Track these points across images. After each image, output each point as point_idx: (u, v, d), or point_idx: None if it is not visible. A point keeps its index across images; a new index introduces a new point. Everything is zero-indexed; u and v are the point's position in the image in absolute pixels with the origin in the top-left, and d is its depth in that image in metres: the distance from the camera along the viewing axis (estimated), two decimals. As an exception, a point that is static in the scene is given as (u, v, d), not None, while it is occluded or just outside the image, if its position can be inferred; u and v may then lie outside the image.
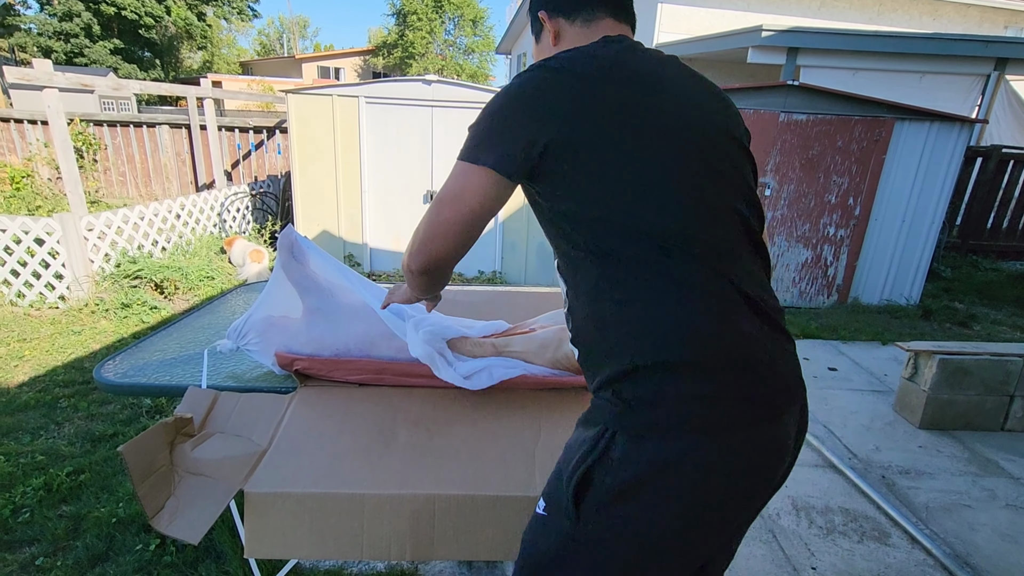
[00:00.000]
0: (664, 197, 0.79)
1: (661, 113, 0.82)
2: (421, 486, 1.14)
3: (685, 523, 0.78)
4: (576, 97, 0.79)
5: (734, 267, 0.81)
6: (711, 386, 0.76)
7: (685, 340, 0.76)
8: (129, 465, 1.02)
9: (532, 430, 1.30)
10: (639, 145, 0.79)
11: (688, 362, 0.76)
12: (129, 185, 7.66)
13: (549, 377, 1.41)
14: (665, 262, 0.78)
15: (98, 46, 24.32)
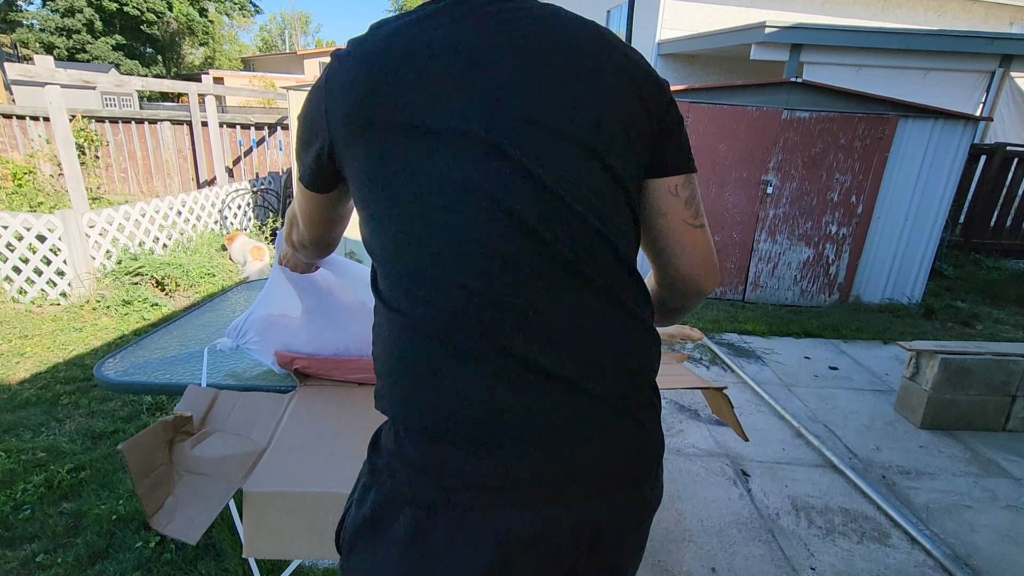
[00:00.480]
0: (417, 228, 0.62)
1: (434, 107, 0.60)
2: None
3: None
4: (346, 89, 0.63)
5: (505, 322, 0.61)
6: (438, 455, 0.63)
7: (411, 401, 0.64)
8: (129, 463, 1.02)
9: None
10: (393, 155, 0.62)
11: (418, 427, 0.64)
12: (131, 182, 7.67)
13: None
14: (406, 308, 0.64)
15: (100, 42, 24.32)
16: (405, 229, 0.63)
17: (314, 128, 0.68)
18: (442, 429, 0.63)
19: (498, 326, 0.61)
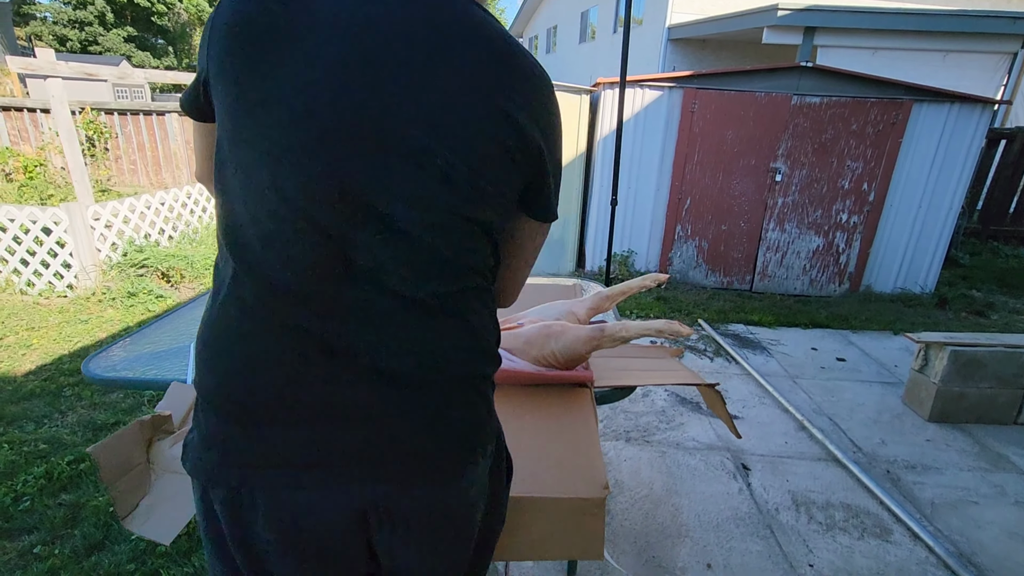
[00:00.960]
0: (231, 203, 0.62)
1: (284, 67, 0.56)
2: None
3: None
4: (217, 27, 0.60)
5: (296, 303, 0.61)
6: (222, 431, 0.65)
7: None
8: (100, 466, 1.01)
9: (515, 429, 1.28)
10: (243, 107, 0.58)
11: (204, 401, 0.66)
12: (140, 173, 7.73)
13: (536, 373, 1.38)
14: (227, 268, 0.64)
15: (112, 34, 24.48)
16: (224, 198, 0.63)
17: (200, 56, 0.64)
18: (219, 404, 0.64)
19: (287, 307, 0.61)
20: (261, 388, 0.63)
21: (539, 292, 2.02)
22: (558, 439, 1.24)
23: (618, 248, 4.97)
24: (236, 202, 0.61)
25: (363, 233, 0.59)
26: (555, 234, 4.98)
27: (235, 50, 0.58)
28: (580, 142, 4.69)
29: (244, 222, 0.61)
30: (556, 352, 1.35)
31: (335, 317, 0.62)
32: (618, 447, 2.53)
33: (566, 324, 1.38)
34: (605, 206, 4.60)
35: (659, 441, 2.59)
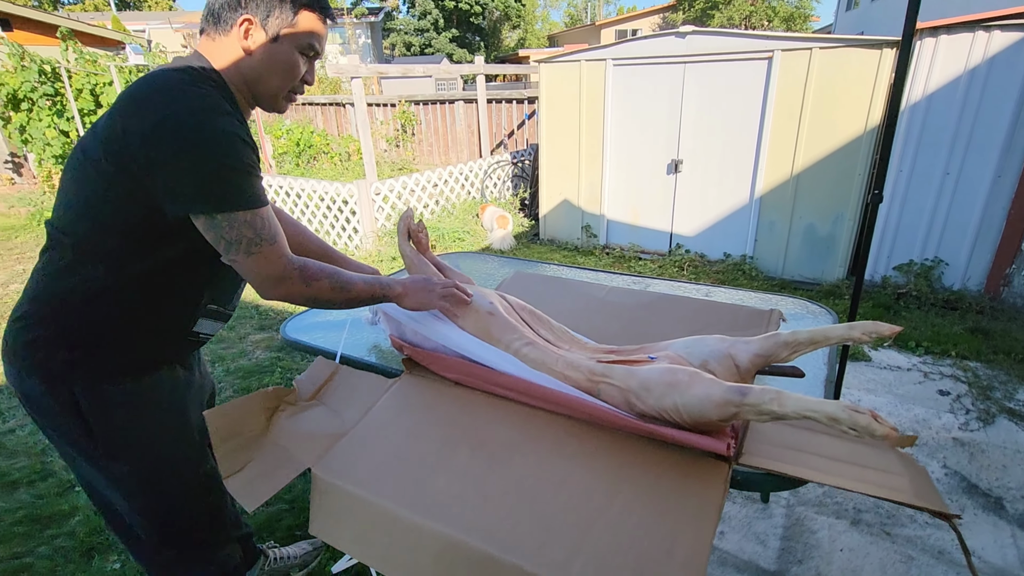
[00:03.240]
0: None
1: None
2: (451, 524, 0.99)
3: None
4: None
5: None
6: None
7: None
8: (210, 427, 1.15)
9: (604, 495, 1.00)
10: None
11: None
12: (435, 154, 9.14)
13: (648, 427, 1.05)
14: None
15: (442, 37, 29.48)
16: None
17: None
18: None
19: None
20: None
21: (711, 312, 1.57)
22: (654, 527, 0.92)
23: (916, 254, 3.72)
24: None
25: None
26: (819, 230, 4.00)
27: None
28: (872, 113, 3.59)
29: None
30: (679, 407, 1.00)
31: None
32: (837, 529, 1.89)
33: (698, 374, 1.00)
34: (913, 195, 3.50)
35: (907, 538, 1.84)
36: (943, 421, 2.46)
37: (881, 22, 12.75)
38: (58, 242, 1.00)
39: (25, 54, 7.34)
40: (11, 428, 2.59)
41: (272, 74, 1.03)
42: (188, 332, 1.14)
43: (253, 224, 0.96)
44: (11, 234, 6.21)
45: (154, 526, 1.17)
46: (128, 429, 1.07)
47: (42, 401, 1.03)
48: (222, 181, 0.92)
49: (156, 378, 1.11)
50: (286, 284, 1.03)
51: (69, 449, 1.10)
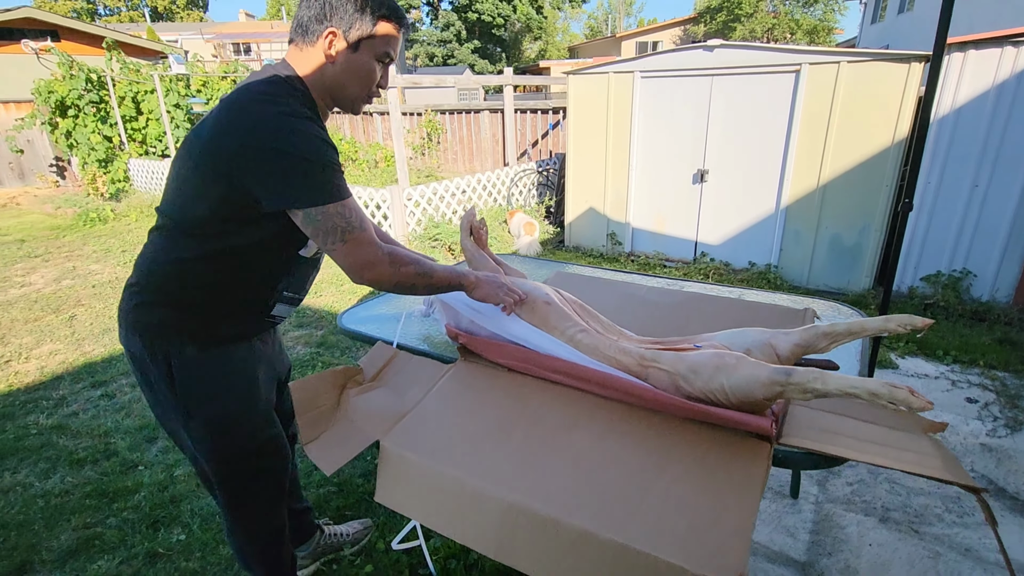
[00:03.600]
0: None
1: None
2: (513, 491, 1.09)
3: None
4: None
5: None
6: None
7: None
8: (293, 398, 1.27)
9: (656, 468, 1.09)
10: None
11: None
12: (459, 162, 9.33)
13: (697, 407, 1.15)
14: None
15: (464, 48, 29.93)
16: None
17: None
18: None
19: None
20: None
21: (747, 311, 1.66)
22: (702, 496, 1.01)
23: (944, 265, 3.75)
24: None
25: None
26: (845, 241, 4.05)
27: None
28: (900, 125, 3.65)
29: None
30: (726, 388, 1.09)
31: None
32: (865, 526, 1.94)
33: (743, 358, 1.10)
34: (941, 206, 3.55)
35: (936, 536, 1.89)
36: (971, 427, 2.49)
37: (908, 35, 12.71)
38: (163, 224, 1.16)
39: (74, 63, 7.71)
40: (74, 412, 2.76)
41: (352, 80, 1.14)
42: (266, 313, 1.27)
43: (343, 214, 1.07)
44: (59, 233, 6.51)
45: (219, 477, 1.30)
46: (204, 389, 1.20)
47: (142, 358, 1.18)
48: (310, 179, 1.03)
49: (235, 348, 1.23)
50: (377, 268, 1.13)
51: (160, 403, 1.24)
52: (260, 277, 1.20)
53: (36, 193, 9.02)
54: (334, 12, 1.08)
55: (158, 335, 1.16)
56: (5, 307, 4.21)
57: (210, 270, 1.14)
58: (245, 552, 1.44)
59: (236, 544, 1.44)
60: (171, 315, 1.15)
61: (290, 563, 1.52)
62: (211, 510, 2.04)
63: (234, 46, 26.72)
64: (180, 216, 1.13)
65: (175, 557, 1.84)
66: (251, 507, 1.37)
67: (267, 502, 1.38)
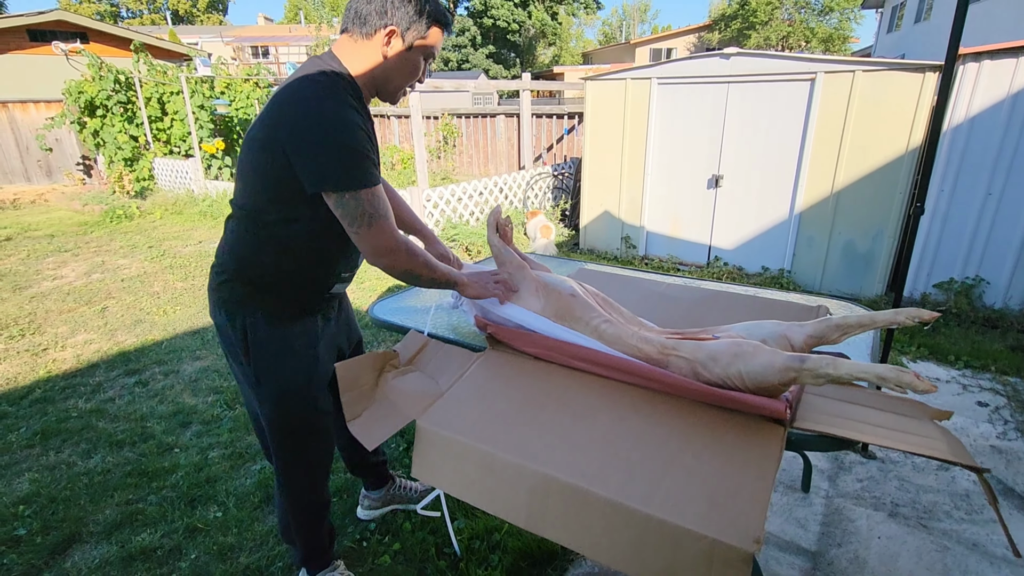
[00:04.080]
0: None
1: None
2: (543, 463, 1.17)
3: None
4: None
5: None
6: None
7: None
8: (338, 377, 1.37)
9: (677, 446, 1.18)
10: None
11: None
12: (474, 165, 9.46)
13: (715, 391, 1.23)
14: None
15: (479, 53, 30.15)
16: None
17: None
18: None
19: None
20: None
21: (763, 307, 1.73)
22: (721, 471, 1.09)
23: (957, 272, 3.78)
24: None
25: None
26: (858, 247, 4.09)
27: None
28: (914, 134, 3.70)
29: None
30: (743, 375, 1.18)
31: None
32: (874, 519, 2.00)
33: (760, 346, 1.18)
34: (954, 214, 3.59)
35: (944, 531, 1.94)
36: (981, 430, 2.54)
37: (924, 45, 12.68)
38: (234, 213, 1.30)
39: (103, 65, 7.94)
40: (111, 397, 2.89)
41: (400, 75, 1.26)
42: (326, 292, 1.41)
43: (372, 201, 1.17)
44: (87, 229, 6.70)
45: (276, 441, 1.43)
46: (272, 359, 1.34)
47: (226, 329, 1.34)
48: (345, 165, 1.13)
49: (300, 324, 1.37)
50: (395, 255, 1.25)
51: (239, 370, 1.40)
52: (319, 259, 1.33)
53: (64, 190, 9.27)
54: (395, 10, 1.17)
55: (237, 309, 1.31)
56: (39, 298, 4.37)
57: (276, 252, 1.27)
58: (289, 523, 1.55)
59: (282, 514, 1.55)
60: (247, 292, 1.30)
61: (328, 542, 1.64)
62: (245, 491, 2.15)
63: (253, 49, 27.17)
64: (246, 205, 1.25)
65: (213, 532, 1.94)
66: (300, 474, 1.49)
67: (315, 470, 1.51)
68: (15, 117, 9.31)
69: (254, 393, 1.38)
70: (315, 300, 1.40)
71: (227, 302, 1.31)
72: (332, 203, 1.17)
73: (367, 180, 1.16)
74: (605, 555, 1.09)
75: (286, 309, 1.33)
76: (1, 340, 3.60)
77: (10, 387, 3.00)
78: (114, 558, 1.84)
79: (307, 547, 1.59)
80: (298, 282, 1.33)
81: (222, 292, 1.32)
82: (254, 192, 1.23)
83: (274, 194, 1.20)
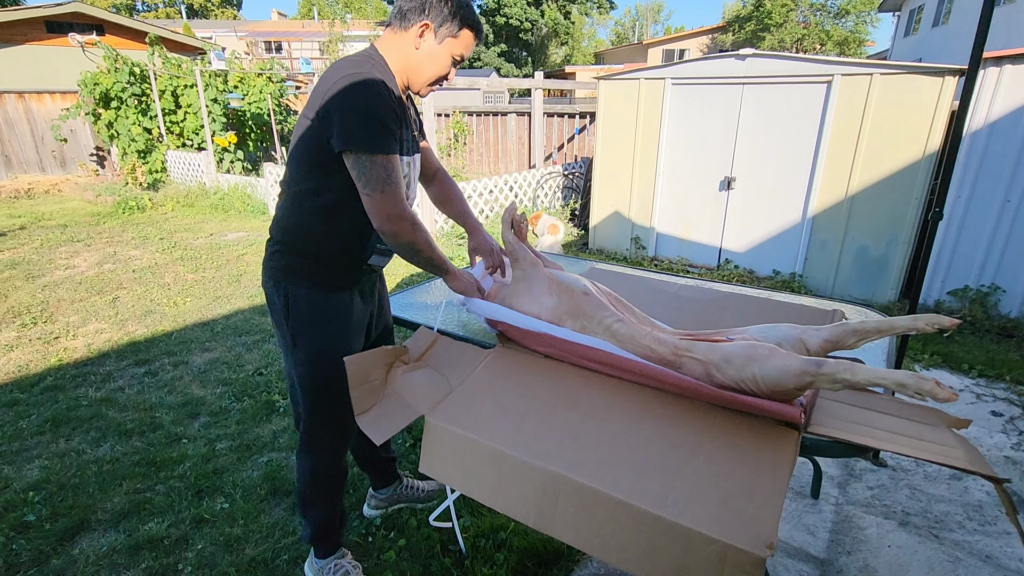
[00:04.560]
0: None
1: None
2: (553, 462, 1.17)
3: None
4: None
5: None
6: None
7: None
8: (348, 373, 1.37)
9: (689, 448, 1.16)
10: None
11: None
12: (485, 163, 9.45)
13: (728, 395, 1.21)
14: None
15: (491, 51, 30.12)
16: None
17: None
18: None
19: None
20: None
21: (776, 310, 1.71)
22: (734, 474, 1.08)
23: (972, 280, 3.73)
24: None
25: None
26: (872, 252, 4.05)
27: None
28: (932, 138, 3.65)
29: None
30: (758, 378, 1.16)
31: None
32: (885, 528, 1.98)
33: (776, 349, 1.16)
34: (971, 220, 3.54)
35: (956, 542, 1.91)
36: (995, 440, 2.50)
37: (942, 49, 12.53)
38: (282, 191, 1.44)
39: (118, 57, 8.00)
40: (120, 386, 2.91)
41: (428, 67, 1.36)
42: (364, 263, 1.48)
43: (387, 168, 1.26)
44: (99, 220, 6.76)
45: (306, 402, 1.51)
46: (307, 322, 1.44)
47: (272, 297, 1.45)
48: (368, 130, 1.23)
49: (337, 296, 1.46)
50: (400, 224, 1.32)
51: (282, 338, 1.49)
52: (352, 228, 1.40)
53: (77, 181, 9.36)
54: (431, 8, 1.30)
55: (282, 276, 1.42)
56: (52, 287, 4.42)
57: (314, 223, 1.38)
58: (306, 492, 1.60)
59: (300, 481, 1.59)
60: (292, 261, 1.41)
61: (338, 524, 1.67)
62: (252, 483, 2.15)
63: (266, 44, 27.31)
64: (293, 177, 1.39)
65: (219, 523, 1.95)
66: (327, 436, 1.55)
67: (339, 433, 1.57)
68: (31, 107, 9.41)
69: (291, 356, 1.47)
70: (354, 271, 1.48)
71: (275, 271, 1.43)
72: (351, 164, 1.26)
73: (386, 147, 1.26)
74: (614, 556, 1.08)
75: (325, 280, 1.43)
76: (14, 328, 3.64)
77: (22, 374, 3.03)
78: (121, 546, 1.85)
79: (319, 520, 1.63)
80: (336, 249, 1.42)
81: (273, 262, 1.43)
82: (296, 164, 1.36)
83: (312, 163, 1.32)
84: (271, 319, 1.52)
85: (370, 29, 26.16)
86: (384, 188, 1.27)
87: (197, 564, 1.78)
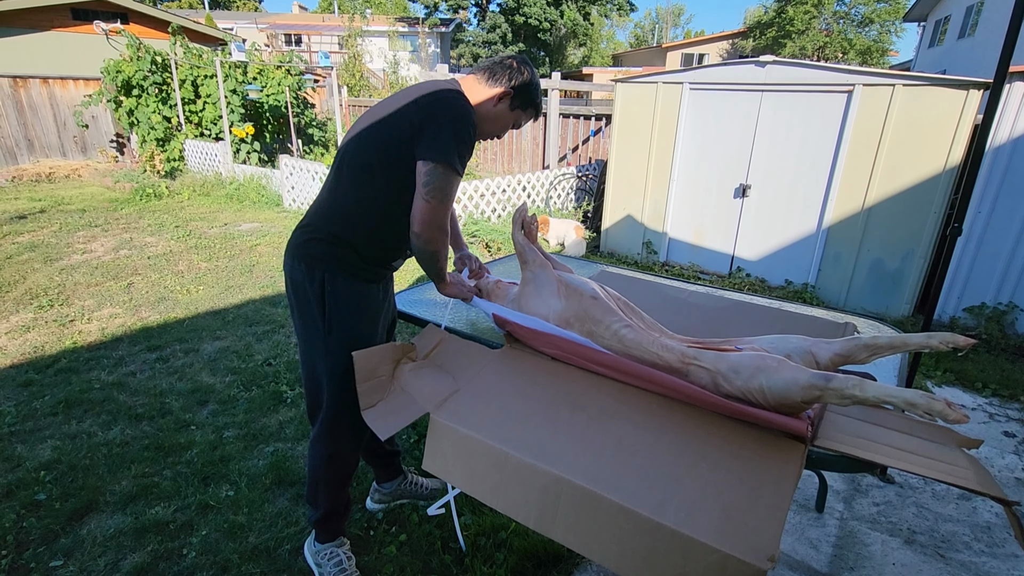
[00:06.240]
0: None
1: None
2: (556, 465, 1.17)
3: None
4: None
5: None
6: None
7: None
8: (356, 367, 1.38)
9: (693, 456, 1.16)
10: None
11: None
12: (498, 162, 9.45)
13: (735, 405, 1.20)
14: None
15: (508, 50, 30.10)
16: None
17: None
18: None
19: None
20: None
21: (787, 321, 1.70)
22: (738, 485, 1.07)
23: (989, 297, 3.67)
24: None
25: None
26: (887, 265, 4.00)
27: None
28: (953, 152, 3.60)
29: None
30: (765, 389, 1.15)
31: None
32: (889, 545, 1.95)
33: (784, 361, 1.15)
34: (991, 237, 3.50)
35: (962, 563, 1.89)
36: (1006, 461, 2.46)
37: (967, 61, 12.34)
38: (339, 182, 1.48)
39: (141, 46, 8.10)
40: (131, 371, 2.95)
41: (494, 125, 1.57)
42: (392, 261, 1.60)
43: (449, 181, 1.38)
44: (117, 206, 6.86)
45: (332, 389, 1.54)
46: (345, 313, 1.50)
47: (302, 282, 1.48)
48: (448, 147, 1.36)
49: (369, 288, 1.55)
50: (438, 232, 1.43)
51: (307, 322, 1.52)
52: (399, 232, 1.48)
53: (96, 167, 9.49)
54: (516, 83, 1.51)
55: (319, 264, 1.47)
56: (69, 271, 4.49)
57: (370, 221, 1.47)
58: (318, 478, 1.63)
59: (314, 472, 1.63)
60: (331, 250, 1.47)
61: (343, 510, 1.71)
62: (258, 471, 2.17)
63: (286, 37, 27.50)
64: (353, 176, 1.45)
65: (224, 510, 1.97)
66: (348, 425, 1.58)
67: (359, 425, 1.55)
68: (55, 93, 9.55)
69: (323, 343, 1.51)
70: (382, 268, 1.58)
71: (311, 257, 1.47)
72: (425, 170, 1.36)
73: (458, 167, 1.39)
74: (614, 562, 1.08)
75: (361, 271, 1.51)
76: (31, 309, 3.71)
77: (37, 355, 3.08)
78: (128, 528, 1.88)
79: (327, 504, 1.66)
80: (381, 247, 1.52)
81: (308, 249, 1.48)
82: (365, 161, 1.44)
83: (384, 163, 1.41)
84: (292, 305, 1.55)
85: (389, 25, 26.25)
86: (443, 200, 1.39)
87: (201, 550, 1.80)
